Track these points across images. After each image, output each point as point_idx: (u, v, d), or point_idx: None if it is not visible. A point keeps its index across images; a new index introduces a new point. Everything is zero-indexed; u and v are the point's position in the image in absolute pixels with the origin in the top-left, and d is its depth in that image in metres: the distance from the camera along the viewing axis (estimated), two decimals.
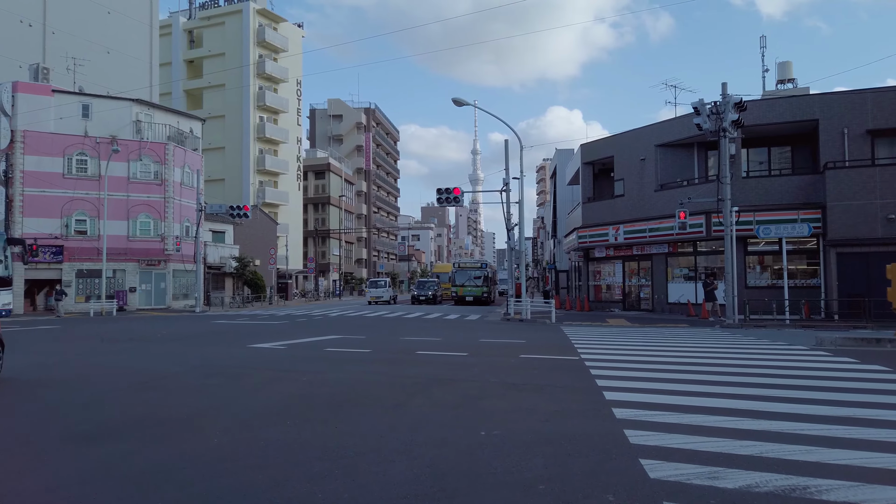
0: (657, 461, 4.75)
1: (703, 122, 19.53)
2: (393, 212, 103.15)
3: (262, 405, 7.14)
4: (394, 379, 9.05)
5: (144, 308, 34.46)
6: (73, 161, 33.55)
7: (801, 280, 23.27)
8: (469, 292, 41.41)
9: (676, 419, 6.17)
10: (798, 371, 9.58)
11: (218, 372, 9.85)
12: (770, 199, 23.21)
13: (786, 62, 37.85)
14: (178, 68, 59.14)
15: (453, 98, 24.69)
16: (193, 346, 14.38)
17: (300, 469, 4.63)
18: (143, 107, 36.91)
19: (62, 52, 39.00)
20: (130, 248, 34.37)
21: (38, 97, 33.46)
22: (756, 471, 4.52)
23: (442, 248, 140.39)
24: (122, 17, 45.08)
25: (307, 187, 68.71)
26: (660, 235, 26.34)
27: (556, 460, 4.88)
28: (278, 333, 17.67)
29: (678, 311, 25.71)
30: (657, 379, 8.76)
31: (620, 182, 29.59)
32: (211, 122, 53.09)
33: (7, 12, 37.89)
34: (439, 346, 13.93)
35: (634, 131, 29.05)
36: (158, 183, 35.51)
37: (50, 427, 6.09)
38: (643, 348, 13.07)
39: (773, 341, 14.53)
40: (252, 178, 56.71)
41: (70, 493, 4.16)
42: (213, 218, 40.82)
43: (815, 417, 6.26)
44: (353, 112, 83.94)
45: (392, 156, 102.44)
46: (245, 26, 57.09)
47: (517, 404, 7.11)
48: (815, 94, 24.51)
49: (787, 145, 25.80)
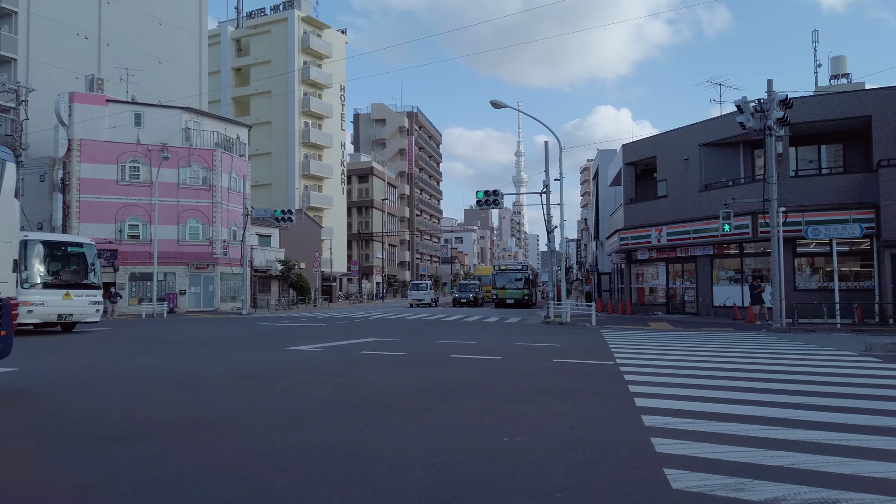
0: (682, 471, 4.65)
1: (746, 121, 19.03)
2: (436, 214, 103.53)
3: (293, 408, 7.26)
4: (424, 382, 9.09)
5: (194, 310, 35.46)
6: (126, 168, 34.80)
7: (853, 283, 22.45)
8: (510, 295, 41.13)
9: (707, 427, 6.02)
10: (842, 378, 9.23)
11: (254, 374, 10.07)
12: (820, 199, 22.44)
13: (839, 57, 36.55)
14: (226, 76, 60.74)
15: (492, 101, 24.63)
16: (234, 348, 14.73)
17: (321, 473, 4.69)
18: (192, 114, 38.04)
19: (116, 63, 40.56)
20: (180, 252, 35.42)
21: (94, 107, 34.86)
22: (785, 483, 4.37)
23: (485, 251, 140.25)
24: (173, 28, 46.59)
25: (351, 191, 69.59)
26: (704, 237, 25.75)
27: (578, 468, 4.82)
28: (318, 336, 17.94)
29: (724, 314, 25.09)
30: (693, 385, 8.56)
31: (663, 182, 29.06)
32: (257, 129, 54.35)
33: (65, 26, 39.61)
34: (474, 349, 13.92)
35: (677, 131, 28.50)
36: (207, 188, 36.52)
37: (86, 427, 6.31)
38: (682, 353, 12.79)
39: (821, 346, 14.04)
40: (297, 183, 57.77)
41: (98, 493, 4.31)
42: (259, 222, 41.77)
43: (854, 427, 6.01)
44: (396, 116, 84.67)
45: (434, 159, 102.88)
46: (290, 34, 58.27)
47: (545, 410, 7.05)
48: (868, 90, 23.65)
49: (839, 143, 24.92)
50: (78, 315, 19.18)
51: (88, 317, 19.55)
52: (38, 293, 17.94)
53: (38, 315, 18.00)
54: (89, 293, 19.55)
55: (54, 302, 18.38)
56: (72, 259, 19.83)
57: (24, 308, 16.57)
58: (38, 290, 18.03)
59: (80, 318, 19.37)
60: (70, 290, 18.84)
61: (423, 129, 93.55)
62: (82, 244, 20.39)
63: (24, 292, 16.82)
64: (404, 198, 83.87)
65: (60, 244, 20.03)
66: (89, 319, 19.75)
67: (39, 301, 17.88)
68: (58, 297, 18.49)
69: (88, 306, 19.39)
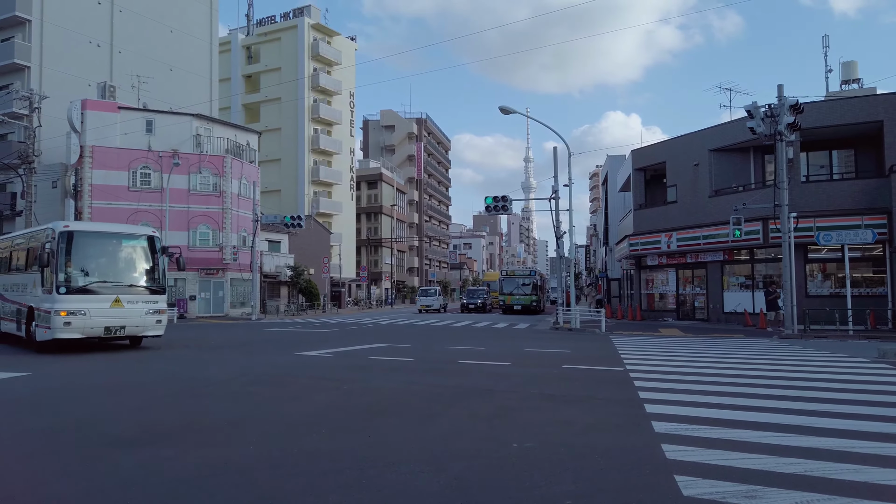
0: (693, 478, 4.60)
1: (756, 126, 18.93)
2: (444, 220, 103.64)
3: (301, 413, 7.26)
4: (432, 388, 9.07)
5: (204, 315, 35.59)
6: (137, 174, 35.05)
7: (865, 289, 22.24)
8: (517, 301, 40.03)
9: (718, 434, 5.96)
10: (855, 385, 9.14)
11: (262, 379, 10.08)
12: (831, 205, 22.28)
13: (850, 62, 36.38)
14: (236, 83, 61.16)
15: (501, 106, 24.67)
16: (244, 353, 14.76)
17: (329, 478, 4.68)
18: (202, 121, 38.30)
19: (128, 71, 40.94)
20: (190, 258, 35.52)
21: (106, 114, 35.17)
22: (797, 490, 4.32)
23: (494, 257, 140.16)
24: (184, 36, 46.98)
25: (360, 197, 69.80)
26: (715, 243, 25.61)
27: (587, 475, 4.79)
28: (327, 341, 17.96)
29: (735, 320, 24.92)
30: (703, 392, 8.49)
31: (673, 188, 28.95)
32: (267, 135, 54.63)
33: (78, 34, 40.04)
34: (483, 355, 13.89)
35: (687, 136, 28.41)
36: (217, 195, 36.70)
37: (96, 431, 6.33)
38: (693, 359, 12.71)
39: (833, 353, 13.91)
40: (307, 189, 58.00)
41: (106, 498, 4.32)
42: (268, 228, 41.94)
43: (868, 434, 5.94)
44: (405, 122, 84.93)
45: (443, 164, 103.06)
46: (300, 41, 58.64)
47: (554, 416, 7.02)
48: (880, 95, 23.49)
49: (850, 148, 24.75)
50: (133, 327, 14.64)
51: (148, 329, 14.94)
52: (78, 300, 13.81)
53: (79, 328, 13.78)
54: (148, 299, 14.92)
55: (99, 311, 14.02)
56: (126, 255, 15.33)
57: (58, 319, 13.47)
58: (79, 297, 13.86)
59: (135, 332, 14.90)
60: (122, 296, 14.42)
61: (432, 136, 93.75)
62: (141, 235, 15.73)
63: (60, 299, 13.56)
64: (413, 204, 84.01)
65: (112, 236, 15.52)
66: (150, 333, 15.09)
67: (79, 310, 13.75)
68: (105, 304, 14.12)
69: (146, 316, 14.73)
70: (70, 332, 13.68)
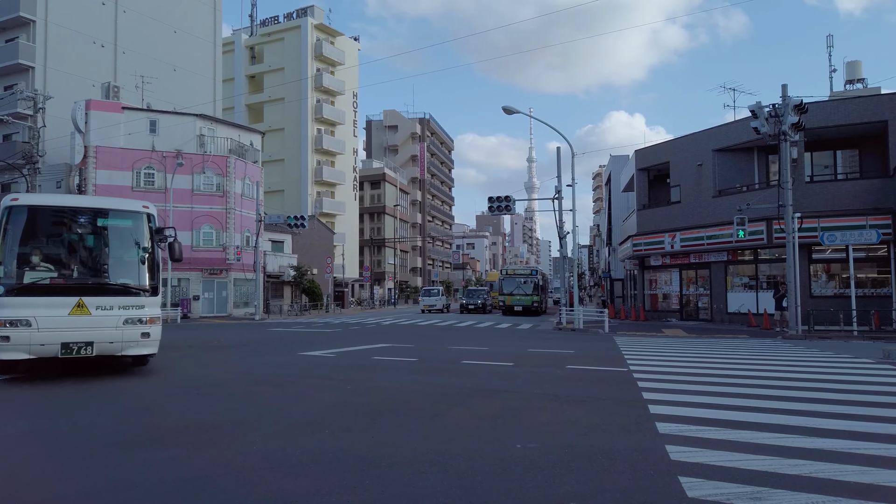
0: (697, 479, 4.59)
1: (760, 126, 18.88)
2: (447, 220, 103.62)
3: (304, 413, 7.26)
4: (436, 388, 9.06)
5: (207, 315, 35.64)
6: (141, 175, 35.11)
7: (869, 289, 22.16)
8: (517, 301, 37.61)
9: (723, 435, 5.94)
10: (859, 385, 9.10)
11: (266, 379, 10.08)
12: (836, 205, 22.20)
13: (854, 62, 36.25)
14: (240, 83, 61.23)
15: (504, 106, 24.63)
16: (247, 353, 14.77)
17: (333, 479, 4.68)
18: (206, 121, 38.34)
19: (131, 71, 41.03)
20: (194, 258, 35.63)
21: (109, 114, 35.22)
22: (803, 492, 4.30)
23: (497, 257, 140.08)
24: (188, 36, 47.06)
25: (363, 197, 69.84)
26: (718, 243, 25.55)
27: (590, 476, 4.77)
28: (330, 341, 17.96)
29: (738, 321, 24.85)
30: (707, 392, 8.47)
31: (676, 188, 28.89)
32: (270, 135, 54.69)
33: (82, 34, 40.14)
34: (486, 355, 13.87)
35: (691, 136, 28.34)
36: (220, 195, 36.75)
37: (98, 432, 6.34)
38: (697, 360, 12.68)
39: (837, 353, 13.86)
40: (310, 189, 58.06)
41: (109, 498, 4.32)
42: (271, 228, 41.98)
43: (873, 436, 5.92)
44: (408, 122, 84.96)
45: (446, 165, 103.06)
46: (303, 41, 58.69)
47: (557, 417, 7.00)
48: (885, 94, 23.39)
49: (854, 148, 24.66)
50: (104, 343, 9.78)
51: (128, 347, 10.06)
52: (20, 304, 9.33)
53: (21, 345, 9.21)
54: (129, 302, 10.17)
55: (53, 320, 9.42)
56: (102, 239, 10.51)
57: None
58: (23, 300, 9.39)
59: (109, 350, 9.90)
60: (87, 298, 9.74)
61: (435, 136, 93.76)
62: (126, 212, 10.84)
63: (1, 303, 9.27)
64: (416, 204, 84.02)
65: (81, 213, 10.51)
66: (131, 352, 10.18)
67: (21, 318, 9.23)
68: (62, 310, 9.51)
69: (124, 328, 9.94)
70: (8, 352, 9.21)
